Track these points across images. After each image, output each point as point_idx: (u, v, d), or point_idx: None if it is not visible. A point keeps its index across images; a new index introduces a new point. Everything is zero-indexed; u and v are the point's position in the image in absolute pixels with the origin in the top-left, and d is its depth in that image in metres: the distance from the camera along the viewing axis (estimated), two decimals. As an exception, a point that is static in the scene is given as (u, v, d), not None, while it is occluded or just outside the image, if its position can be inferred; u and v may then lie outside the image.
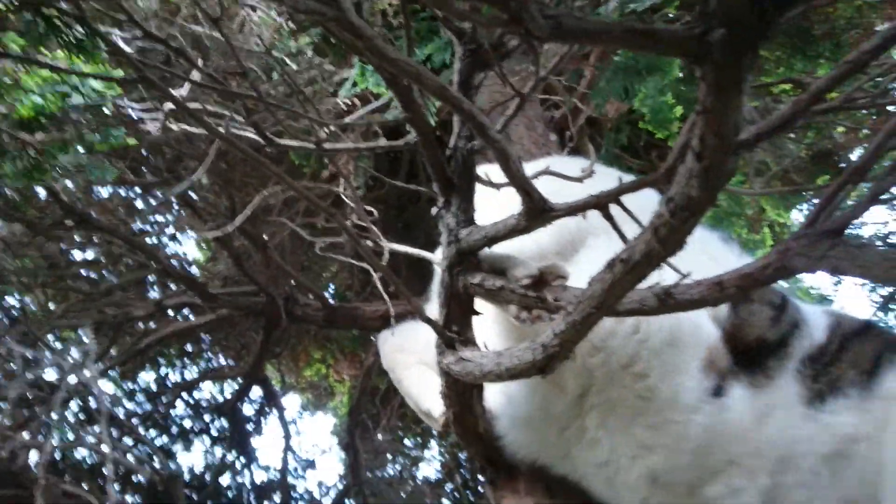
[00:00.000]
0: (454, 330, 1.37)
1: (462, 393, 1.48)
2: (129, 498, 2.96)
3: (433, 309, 1.50)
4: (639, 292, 1.07)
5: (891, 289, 2.43)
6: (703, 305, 1.03)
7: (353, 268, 3.42)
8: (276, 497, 3.40)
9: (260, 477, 3.68)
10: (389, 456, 4.11)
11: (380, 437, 3.94)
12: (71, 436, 2.05)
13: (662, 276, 0.98)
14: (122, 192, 2.78)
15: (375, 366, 2.68)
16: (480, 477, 2.61)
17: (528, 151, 2.68)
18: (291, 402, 4.24)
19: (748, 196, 2.54)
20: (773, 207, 2.99)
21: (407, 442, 4.37)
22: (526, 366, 1.16)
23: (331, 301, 2.39)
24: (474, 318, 1.38)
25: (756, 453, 1.23)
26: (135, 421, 3.12)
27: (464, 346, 1.36)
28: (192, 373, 3.53)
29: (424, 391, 1.73)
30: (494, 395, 1.59)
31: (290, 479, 3.73)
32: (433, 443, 4.28)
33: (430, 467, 4.42)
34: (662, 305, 1.05)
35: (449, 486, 4.17)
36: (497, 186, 1.29)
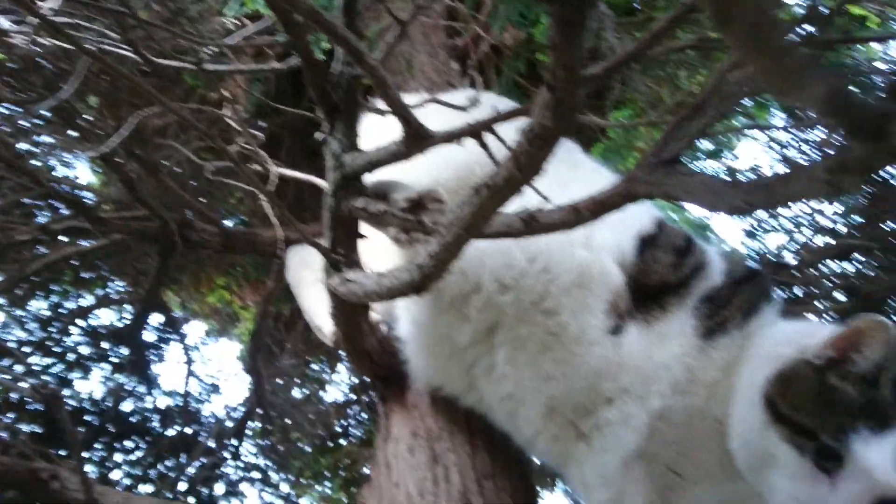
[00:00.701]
0: (340, 252, 1.42)
1: (350, 312, 1.55)
2: (23, 427, 2.92)
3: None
4: (506, 216, 1.14)
5: (753, 220, 2.64)
6: (562, 228, 1.12)
7: (257, 194, 3.37)
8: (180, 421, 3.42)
9: (164, 402, 3.68)
10: (297, 380, 4.19)
11: (286, 361, 3.99)
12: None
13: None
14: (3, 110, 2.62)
15: (277, 291, 2.71)
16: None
17: (430, 79, 2.69)
18: (195, 328, 4.22)
19: (637, 128, 2.65)
20: (662, 140, 3.13)
21: (314, 366, 4.45)
22: (404, 286, 1.22)
23: (230, 226, 2.37)
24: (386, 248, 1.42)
25: (648, 380, 1.34)
26: (27, 350, 3.04)
27: (349, 268, 1.42)
28: (88, 300, 3.44)
29: (318, 308, 1.78)
30: (405, 324, 1.65)
31: (195, 404, 3.75)
32: (341, 367, 4.38)
33: (338, 390, 4.54)
34: (527, 228, 1.13)
35: (355, 408, 4.30)
36: (382, 113, 1.32)
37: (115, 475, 3.31)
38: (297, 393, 4.26)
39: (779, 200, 0.75)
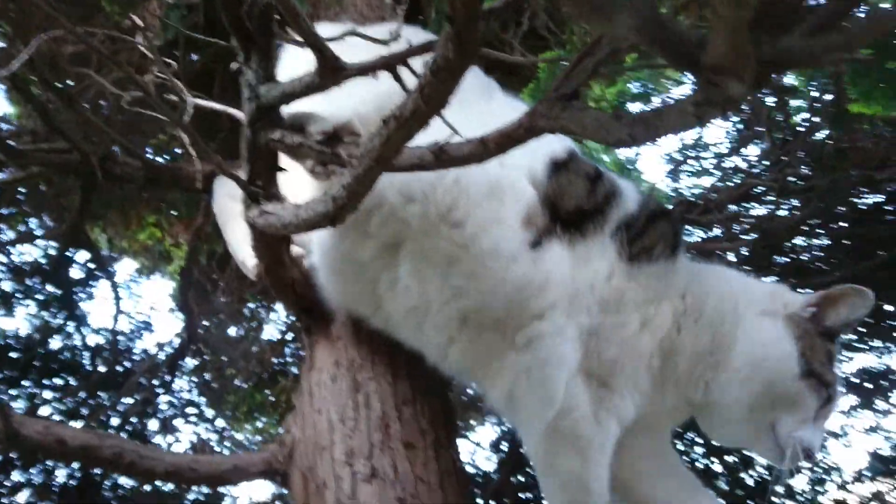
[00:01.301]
0: (258, 185, 1.43)
1: (270, 245, 1.56)
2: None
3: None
4: (418, 149, 1.17)
5: (679, 158, 2.74)
6: (471, 161, 1.15)
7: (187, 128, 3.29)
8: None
9: (94, 340, 3.65)
10: (233, 318, 4.19)
11: (221, 299, 3.98)
12: None
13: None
14: None
15: (206, 227, 2.69)
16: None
17: (361, 13, 2.65)
18: (126, 266, 4.16)
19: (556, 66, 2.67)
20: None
21: (251, 304, 4.45)
22: (320, 217, 1.25)
23: (153, 160, 2.32)
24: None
25: (575, 297, 1.40)
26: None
27: (268, 200, 1.43)
28: (9, 236, 3.34)
29: (242, 242, 1.77)
30: (315, 250, 1.66)
31: (127, 342, 3.73)
32: (279, 305, 4.38)
33: (275, 328, 4.56)
34: (437, 161, 1.16)
35: (293, 346, 4.34)
36: (299, 44, 1.31)
37: (45, 411, 3.29)
38: (233, 331, 4.27)
39: (657, 133, 0.80)
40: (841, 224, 2.73)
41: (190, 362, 4.01)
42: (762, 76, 0.60)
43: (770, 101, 2.48)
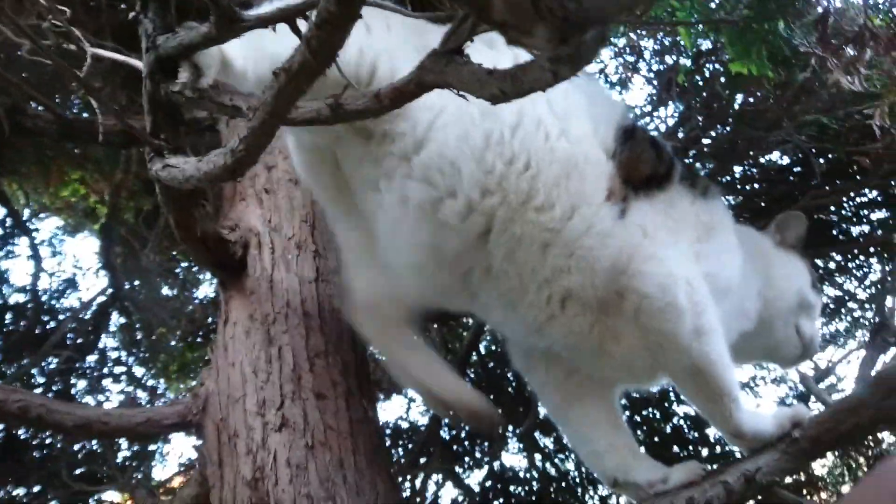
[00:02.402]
0: (162, 138, 1.41)
1: (178, 199, 1.55)
2: None
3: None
4: (315, 103, 1.18)
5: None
6: (367, 116, 1.17)
7: (115, 83, 3.19)
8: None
9: (15, 298, 3.56)
10: (163, 276, 4.13)
11: (151, 256, 3.91)
12: None
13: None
14: None
15: (126, 182, 2.63)
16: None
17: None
18: (49, 223, 4.04)
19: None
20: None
21: (184, 263, 4.39)
22: (220, 170, 1.25)
23: (66, 114, 2.25)
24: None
25: (675, 235, 1.48)
26: None
27: (174, 154, 1.42)
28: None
29: (438, 373, 1.66)
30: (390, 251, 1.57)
31: (50, 300, 3.65)
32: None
33: (209, 287, 4.52)
34: (334, 114, 1.17)
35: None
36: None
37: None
38: (165, 290, 4.22)
39: (522, 87, 0.83)
40: (754, 185, 2.86)
41: (120, 321, 3.96)
42: (567, 33, 0.63)
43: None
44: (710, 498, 1.49)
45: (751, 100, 2.43)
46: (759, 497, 2.11)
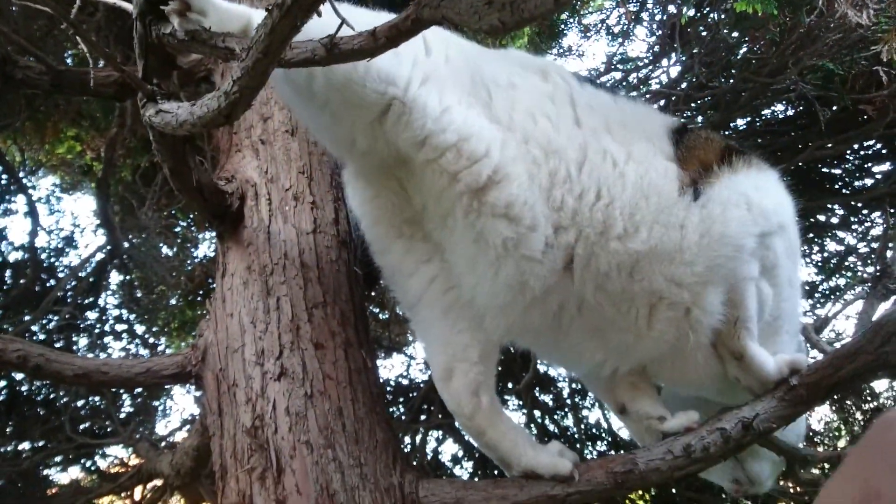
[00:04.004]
0: (155, 83, 1.39)
1: (172, 146, 1.53)
2: None
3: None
4: (309, 43, 1.15)
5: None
6: (364, 56, 1.14)
7: (109, 37, 3.14)
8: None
9: (14, 256, 3.56)
10: (162, 234, 4.11)
11: (149, 214, 3.88)
12: None
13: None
14: None
15: (120, 137, 2.60)
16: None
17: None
18: (46, 182, 4.01)
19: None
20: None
21: (182, 222, 4.37)
22: (213, 114, 1.22)
23: (58, 65, 2.20)
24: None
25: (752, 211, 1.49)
26: None
27: (166, 99, 1.39)
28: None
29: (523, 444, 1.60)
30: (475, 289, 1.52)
31: (49, 258, 3.65)
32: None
33: (209, 246, 4.51)
34: (330, 55, 1.15)
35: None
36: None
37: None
38: (165, 249, 4.21)
39: (523, 18, 0.81)
40: (757, 139, 2.83)
41: (120, 279, 3.96)
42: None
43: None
44: (707, 444, 1.50)
45: (755, 48, 2.39)
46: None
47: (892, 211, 1.76)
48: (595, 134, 1.49)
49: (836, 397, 2.72)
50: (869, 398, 2.85)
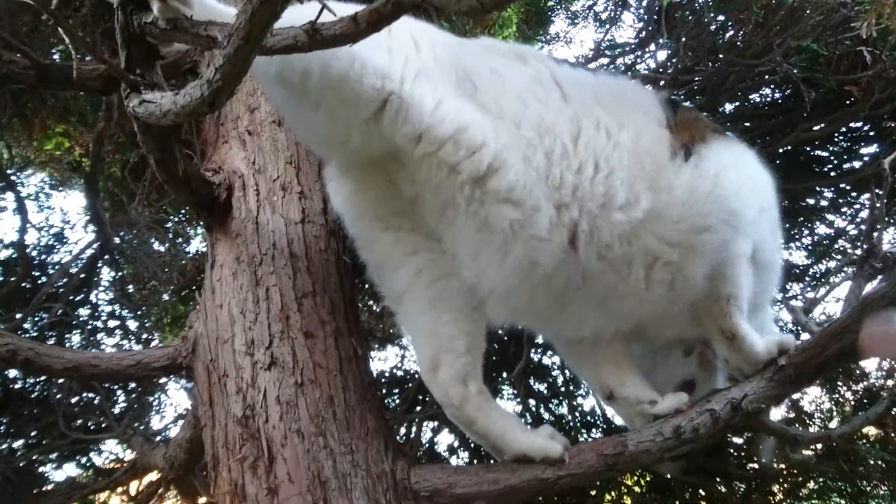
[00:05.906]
0: (138, 73, 1.38)
1: (159, 137, 1.53)
2: None
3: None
4: (291, 30, 1.15)
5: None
6: (346, 41, 1.14)
7: (95, 33, 3.12)
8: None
9: (3, 254, 3.53)
10: (153, 229, 4.09)
11: (140, 210, 3.86)
12: None
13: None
14: None
15: (107, 132, 2.58)
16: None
17: None
18: (35, 179, 3.98)
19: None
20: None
21: (174, 218, 4.35)
22: (197, 102, 1.22)
23: (43, 60, 2.19)
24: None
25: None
26: None
27: (150, 89, 1.39)
28: None
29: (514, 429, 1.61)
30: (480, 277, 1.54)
31: (40, 255, 3.63)
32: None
33: (201, 241, 4.48)
34: (312, 41, 1.14)
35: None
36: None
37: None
38: (156, 245, 4.18)
39: (501, -2, 0.81)
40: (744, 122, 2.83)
41: (111, 275, 3.94)
42: None
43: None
44: (696, 425, 1.51)
45: (741, 30, 2.39)
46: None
47: (878, 192, 1.75)
48: (585, 106, 1.51)
49: (826, 378, 2.73)
50: (859, 378, 2.87)
